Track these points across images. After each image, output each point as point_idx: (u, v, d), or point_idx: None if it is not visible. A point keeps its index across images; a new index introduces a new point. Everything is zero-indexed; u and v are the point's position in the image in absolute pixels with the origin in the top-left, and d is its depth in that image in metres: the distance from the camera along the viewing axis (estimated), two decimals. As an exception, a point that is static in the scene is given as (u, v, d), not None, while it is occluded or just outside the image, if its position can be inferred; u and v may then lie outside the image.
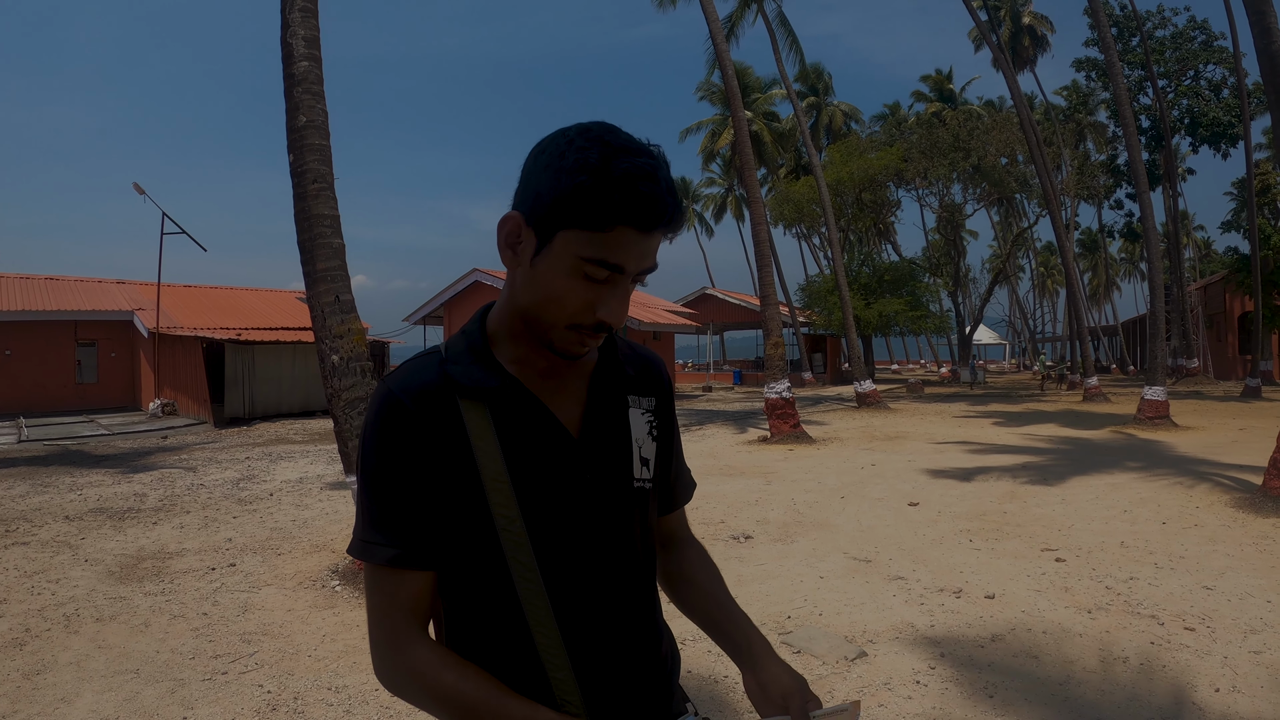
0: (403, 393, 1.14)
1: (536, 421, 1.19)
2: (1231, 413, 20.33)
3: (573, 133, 1.08)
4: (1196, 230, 71.88)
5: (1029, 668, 4.40)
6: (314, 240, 6.53)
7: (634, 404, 1.32)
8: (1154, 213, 20.13)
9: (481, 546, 1.15)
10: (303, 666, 4.60)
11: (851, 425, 18.79)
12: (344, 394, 6.49)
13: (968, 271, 53.26)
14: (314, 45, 6.71)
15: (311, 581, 6.32)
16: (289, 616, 5.51)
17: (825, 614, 5.39)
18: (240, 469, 12.65)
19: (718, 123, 44.47)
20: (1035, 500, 9.14)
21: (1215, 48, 37.16)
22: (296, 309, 29.68)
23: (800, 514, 8.60)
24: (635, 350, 1.38)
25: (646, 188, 1.05)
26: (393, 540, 1.13)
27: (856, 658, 4.57)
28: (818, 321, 37.56)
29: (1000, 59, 27.40)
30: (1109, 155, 42.70)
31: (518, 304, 1.16)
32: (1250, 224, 30.20)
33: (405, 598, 1.14)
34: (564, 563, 1.18)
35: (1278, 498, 8.49)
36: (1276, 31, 9.26)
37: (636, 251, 1.09)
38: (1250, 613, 5.25)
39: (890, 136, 41.86)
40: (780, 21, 28.76)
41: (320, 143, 6.60)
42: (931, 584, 6.02)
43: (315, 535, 7.93)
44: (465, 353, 1.19)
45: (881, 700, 4.02)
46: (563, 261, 1.09)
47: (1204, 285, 43.91)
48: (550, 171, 1.07)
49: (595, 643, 1.21)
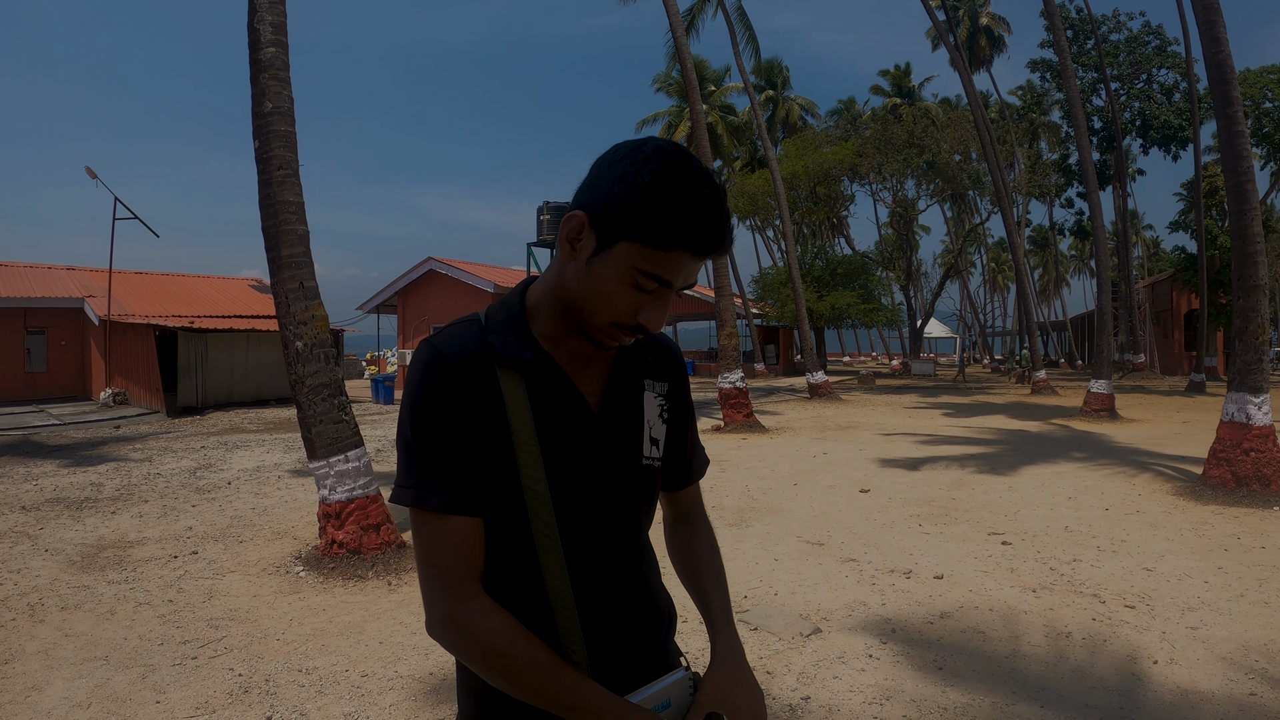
0: (451, 354, 1.22)
1: (564, 395, 1.29)
2: (1176, 406, 20.85)
3: (649, 150, 1.17)
4: (1145, 229, 73.34)
5: (976, 643, 4.60)
6: (279, 227, 6.55)
7: (649, 388, 1.44)
8: (1104, 212, 20.63)
9: (507, 503, 1.25)
10: (272, 650, 4.66)
11: (804, 415, 19.03)
12: (308, 380, 6.52)
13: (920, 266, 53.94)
14: (281, 31, 6.72)
15: (275, 568, 6.36)
16: (255, 602, 5.55)
17: (780, 594, 5.55)
18: (196, 458, 12.56)
19: (674, 115, 44.53)
20: (983, 488, 9.39)
21: (1168, 53, 37.99)
22: (250, 296, 29.38)
23: (754, 500, 8.78)
24: (655, 338, 1.50)
25: (710, 219, 1.15)
26: (445, 487, 1.21)
27: (811, 634, 4.74)
28: (771, 313, 37.78)
29: (957, 58, 27.80)
30: (1061, 155, 43.44)
31: (566, 293, 1.26)
32: (1198, 224, 30.99)
33: (462, 545, 1.22)
34: (577, 524, 1.30)
35: (1217, 486, 8.81)
36: (1225, 41, 9.58)
37: (687, 271, 1.20)
38: (1188, 592, 5.51)
39: (845, 131, 42.32)
40: (739, 15, 28.91)
41: (286, 129, 6.61)
42: (882, 565, 6.22)
43: (276, 523, 7.94)
44: (505, 324, 1.29)
45: (836, 673, 4.18)
46: (619, 269, 1.18)
47: (1151, 283, 44.84)
48: (623, 185, 1.16)
49: (600, 597, 1.33)
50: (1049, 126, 45.59)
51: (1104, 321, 18.76)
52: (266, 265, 6.72)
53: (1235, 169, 9.41)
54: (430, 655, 4.50)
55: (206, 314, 25.65)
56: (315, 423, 6.50)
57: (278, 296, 6.60)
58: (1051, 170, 42.46)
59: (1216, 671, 4.17)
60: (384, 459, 12.41)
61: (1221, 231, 36.38)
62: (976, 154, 36.93)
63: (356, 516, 6.42)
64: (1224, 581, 5.75)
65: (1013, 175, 41.01)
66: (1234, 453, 8.82)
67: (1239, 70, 9.22)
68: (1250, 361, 9.01)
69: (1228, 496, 8.50)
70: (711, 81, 43.93)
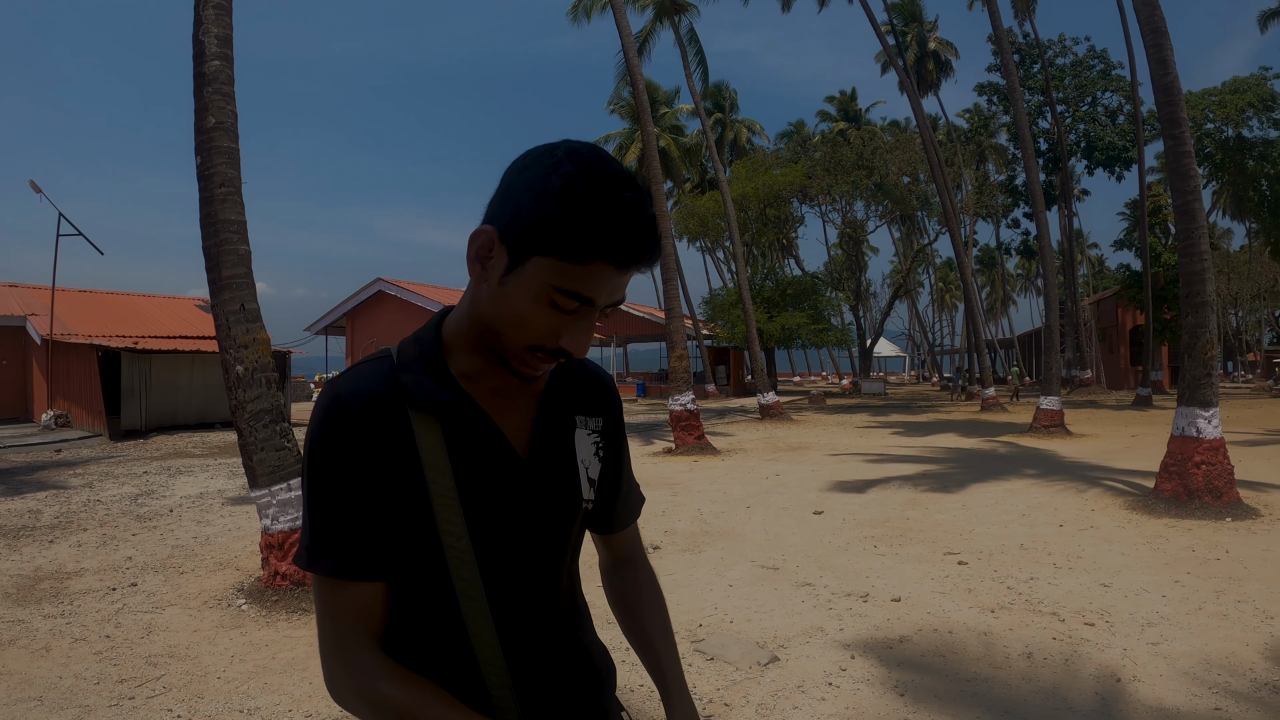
0: (352, 398, 1.10)
1: (486, 439, 1.17)
2: (1124, 420, 21.18)
3: (561, 153, 1.05)
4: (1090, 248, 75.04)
5: (937, 666, 4.53)
6: (220, 246, 6.36)
7: (581, 424, 1.31)
8: (1050, 231, 20.98)
9: (424, 560, 1.13)
10: (212, 689, 4.45)
11: (755, 436, 19.02)
12: (249, 406, 6.32)
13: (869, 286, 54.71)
14: (226, 44, 6.54)
15: (216, 601, 6.13)
16: (195, 637, 5.33)
17: (736, 621, 5.45)
18: (138, 484, 12.21)
19: (625, 136, 44.64)
20: (936, 507, 9.38)
21: (1113, 76, 39.05)
22: (195, 317, 28.76)
23: (707, 524, 8.67)
24: (587, 369, 1.37)
25: (630, 226, 1.03)
26: (336, 550, 1.09)
27: (769, 662, 4.63)
28: (721, 334, 37.92)
29: (905, 82, 28.24)
30: (1008, 176, 44.29)
31: (479, 317, 1.13)
32: (1142, 243, 31.76)
33: (352, 608, 1.11)
34: (505, 580, 1.17)
35: (1169, 499, 8.89)
36: (1172, 64, 9.77)
37: (610, 286, 1.07)
38: (1146, 607, 5.50)
39: (795, 154, 42.77)
40: (691, 37, 29.16)
41: (229, 145, 6.43)
42: (839, 589, 6.14)
43: (218, 553, 7.69)
44: (418, 361, 1.16)
45: (796, 703, 4.08)
46: (533, 287, 1.06)
47: (1097, 300, 45.79)
48: (533, 193, 1.04)
49: (533, 658, 1.21)
50: (996, 148, 46.41)
51: (1052, 339, 19.03)
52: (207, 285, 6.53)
53: (1182, 188, 9.55)
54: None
55: (151, 334, 25.03)
56: (256, 450, 6.29)
57: (218, 319, 6.39)
58: (998, 191, 43.30)
59: (1180, 687, 4.15)
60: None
61: (1165, 249, 37.31)
62: (925, 175, 37.59)
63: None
64: (1182, 595, 5.76)
65: (960, 196, 41.70)
66: (1185, 466, 8.92)
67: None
68: (1199, 376, 9.12)
69: (1180, 509, 8.57)
70: (662, 103, 44.17)
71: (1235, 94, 35.02)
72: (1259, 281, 50.23)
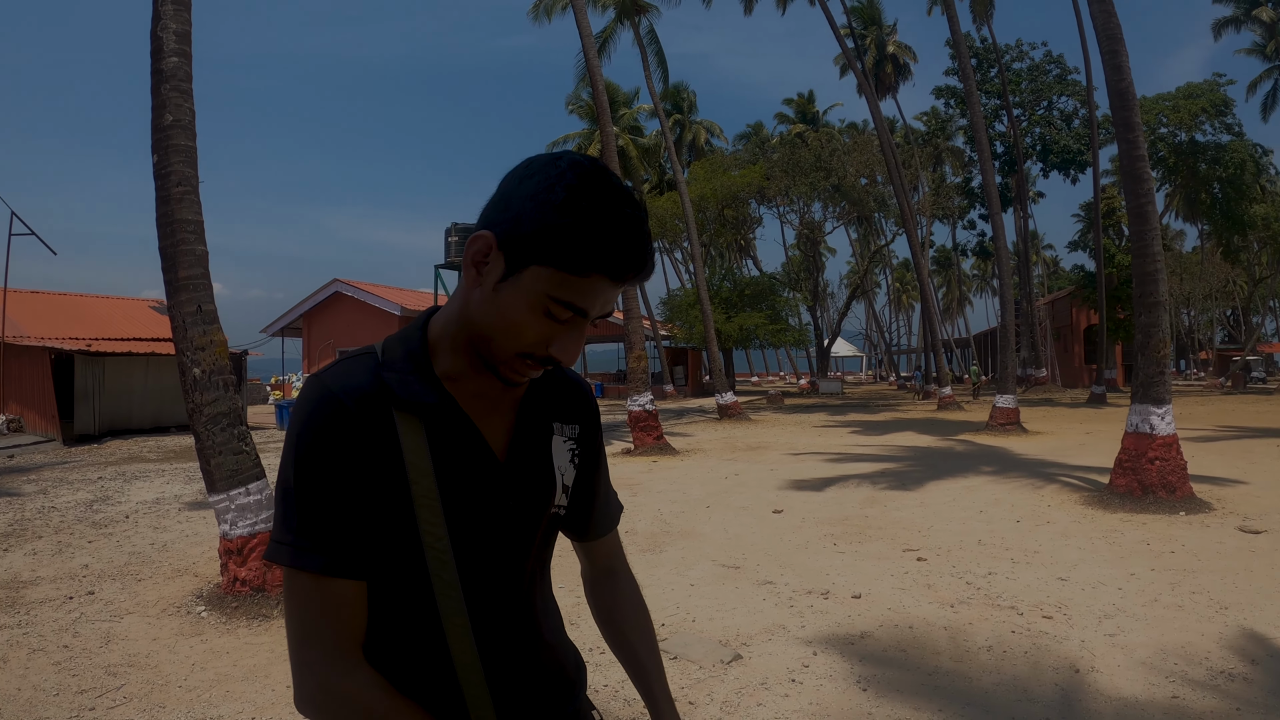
0: (344, 394, 1.09)
1: (467, 443, 1.17)
2: (1079, 418, 21.52)
3: (564, 165, 1.06)
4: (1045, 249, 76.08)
5: (899, 661, 4.58)
6: (176, 247, 6.26)
7: (558, 431, 1.31)
8: (1006, 232, 21.29)
9: (404, 562, 1.12)
10: (174, 698, 4.38)
11: (714, 436, 19.10)
12: (206, 409, 6.23)
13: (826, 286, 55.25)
14: (185, 40, 6.43)
15: (175, 608, 6.03)
16: (155, 646, 5.24)
17: (699, 620, 5.47)
18: (93, 490, 12.00)
19: (585, 136, 44.48)
20: (895, 504, 9.48)
21: (1069, 81, 39.79)
22: (150, 318, 28.29)
23: (667, 524, 8.69)
24: (565, 376, 1.37)
25: (630, 242, 1.05)
26: (326, 546, 1.07)
27: (732, 660, 4.66)
28: (679, 335, 37.97)
29: (864, 85, 28.54)
30: (964, 178, 44.91)
31: (470, 321, 1.13)
32: (1096, 244, 32.35)
33: (343, 611, 1.09)
34: (480, 582, 1.17)
35: (1124, 494, 9.07)
36: (1127, 69, 9.96)
37: (604, 298, 1.09)
38: (1103, 599, 5.62)
39: (753, 155, 43.03)
40: (651, 38, 29.16)
41: (186, 144, 6.33)
42: (800, 587, 6.19)
43: (176, 559, 7.57)
44: (404, 360, 1.15)
45: (760, 700, 4.11)
46: (529, 295, 1.06)
47: (1052, 300, 46.51)
48: (536, 203, 1.04)
49: (508, 661, 1.21)
50: (953, 151, 47.00)
51: (1007, 338, 19.28)
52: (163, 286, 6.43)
53: (1136, 191, 9.74)
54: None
55: (105, 336, 24.60)
56: (214, 454, 6.20)
57: (174, 320, 6.29)
58: (955, 193, 43.85)
59: (1138, 676, 4.24)
60: (292, 487, 12.00)
61: (1119, 250, 37.99)
62: (882, 177, 37.95)
63: (259, 552, 6.12)
64: (1137, 587, 5.88)
65: (917, 198, 42.12)
66: (1139, 462, 9.09)
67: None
68: (1153, 374, 9.30)
69: (1134, 504, 8.74)
70: (621, 104, 44.11)
71: (1189, 99, 35.83)
72: (1211, 282, 51.27)
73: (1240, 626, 5.00)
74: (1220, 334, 65.35)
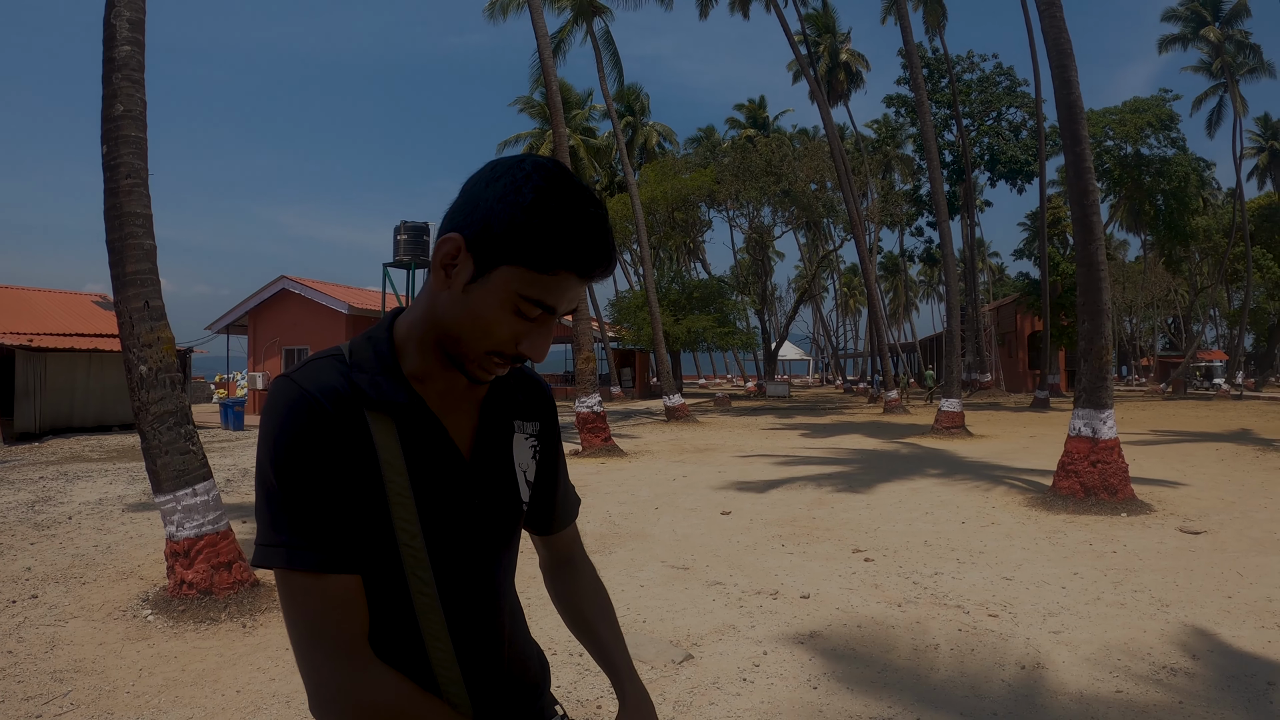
0: (321, 394, 1.10)
1: (435, 442, 1.19)
2: (1022, 422, 21.91)
3: (529, 166, 1.10)
4: (991, 256, 77.52)
5: (848, 659, 4.64)
6: (124, 241, 6.14)
7: (519, 429, 1.34)
8: (953, 239, 21.64)
9: (380, 559, 1.13)
10: (121, 704, 4.30)
11: (662, 438, 19.17)
12: (153, 407, 6.11)
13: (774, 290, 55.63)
14: (139, 29, 6.29)
15: (121, 612, 5.91)
16: (101, 650, 5.13)
17: (649, 621, 5.50)
18: (34, 490, 11.71)
19: (536, 136, 44.30)
20: (842, 506, 9.59)
21: (1018, 93, 40.58)
22: (93, 313, 27.64)
23: (616, 525, 8.72)
24: (525, 375, 1.40)
25: (596, 239, 1.09)
26: (320, 543, 1.08)
27: (683, 660, 4.69)
28: (627, 337, 38.03)
29: (816, 91, 28.80)
30: (913, 185, 45.55)
31: (439, 323, 1.15)
32: (1041, 252, 33.04)
33: (347, 606, 1.09)
34: (452, 579, 1.19)
35: (1066, 496, 9.27)
36: (1076, 84, 10.19)
37: (572, 295, 1.13)
38: (1047, 598, 5.75)
39: (704, 158, 43.26)
40: (606, 40, 29.15)
41: (137, 135, 6.21)
42: (749, 587, 6.24)
43: (120, 561, 7.42)
44: (373, 362, 1.17)
45: (712, 699, 4.14)
46: (498, 295, 1.09)
47: (997, 306, 47.36)
48: (505, 204, 1.07)
49: (479, 655, 1.23)
50: (902, 159, 47.64)
51: (953, 343, 19.58)
52: (110, 281, 6.30)
53: (1082, 202, 9.96)
54: (292, 704, 4.24)
55: (47, 331, 24.02)
56: (160, 454, 6.09)
57: (121, 316, 6.17)
58: (903, 200, 44.46)
59: (1083, 672, 4.35)
60: (233, 489, 11.82)
61: (1063, 259, 38.81)
62: (832, 183, 38.35)
63: (206, 554, 6.03)
64: (1080, 586, 6.02)
65: (866, 204, 42.63)
66: (1082, 465, 9.29)
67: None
68: (1095, 380, 9.52)
69: (1077, 506, 8.94)
70: (574, 104, 44.08)
71: (1135, 113, 36.75)
72: (1153, 291, 52.59)
73: (1181, 623, 5.14)
74: (1162, 341, 66.98)
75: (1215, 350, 63.11)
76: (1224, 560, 6.71)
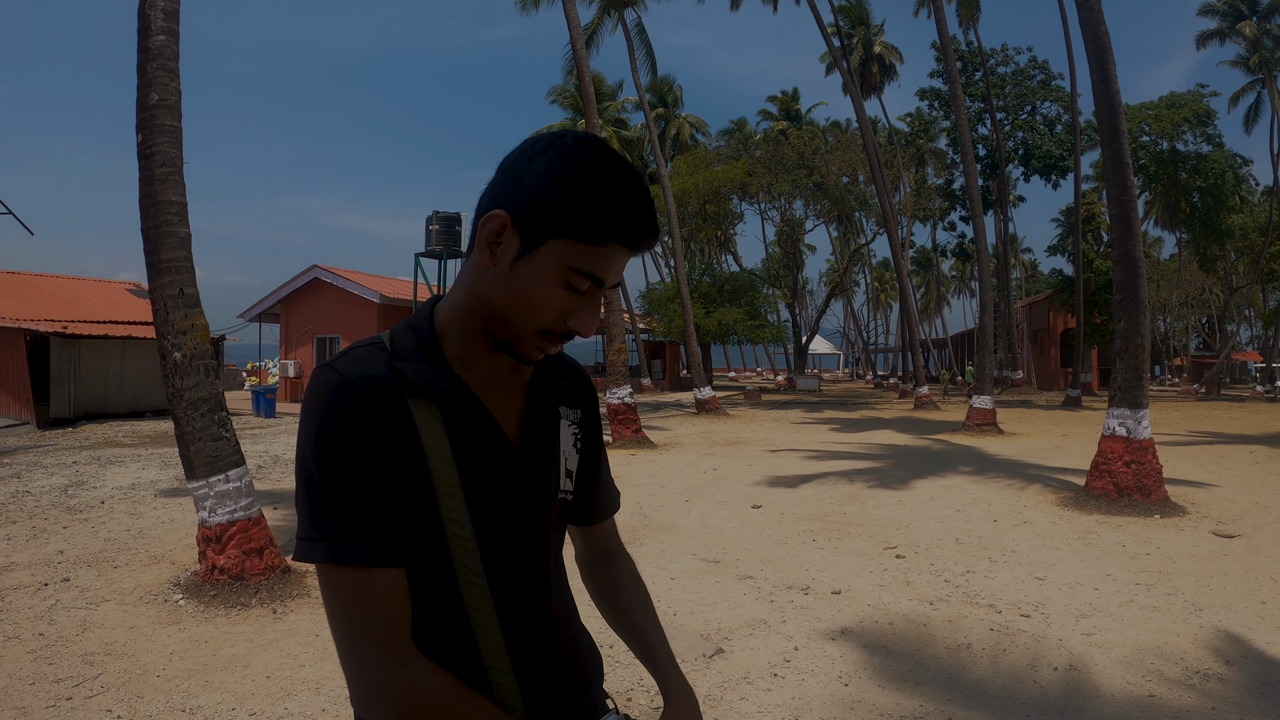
0: (363, 383, 1.07)
1: (483, 429, 1.16)
2: (1054, 420, 21.67)
3: (570, 140, 1.09)
4: (1024, 253, 76.69)
5: (880, 657, 4.60)
6: (159, 228, 6.19)
7: (564, 415, 1.32)
8: (986, 235, 21.39)
9: (428, 551, 1.11)
10: (152, 688, 4.34)
11: (692, 431, 19.13)
12: (186, 394, 6.16)
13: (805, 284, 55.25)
14: (173, 19, 6.34)
15: (153, 596, 5.97)
16: (132, 634, 5.19)
17: (680, 613, 5.48)
18: (68, 474, 11.88)
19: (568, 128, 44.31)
20: (874, 502, 9.52)
21: (1053, 87, 40.08)
22: (127, 301, 27.98)
23: (647, 517, 8.71)
24: (567, 362, 1.39)
25: (642, 210, 1.09)
26: (366, 536, 1.05)
27: (714, 654, 4.67)
28: (658, 328, 38.01)
29: (849, 84, 28.57)
30: (946, 180, 45.13)
31: (485, 304, 1.13)
32: (1075, 249, 32.62)
33: (392, 601, 1.07)
34: (502, 569, 1.17)
35: (1100, 496, 9.14)
36: (1114, 77, 10.02)
37: (618, 267, 1.12)
38: (1079, 599, 5.66)
39: (736, 151, 43.07)
40: (639, 32, 29.08)
41: (172, 124, 6.26)
42: (780, 582, 6.21)
43: (152, 546, 7.50)
44: (415, 349, 1.14)
45: (742, 694, 4.12)
46: (548, 270, 1.08)
47: (1029, 303, 46.81)
48: (550, 179, 1.06)
49: (530, 647, 1.20)
50: (935, 153, 47.19)
51: (985, 339, 19.38)
52: (145, 269, 6.35)
53: (1120, 198, 9.80)
54: (322, 690, 4.26)
55: (81, 318, 24.32)
56: (194, 440, 6.14)
57: (156, 303, 6.23)
58: (936, 194, 44.09)
59: (1115, 675, 4.28)
60: (265, 476, 11.92)
61: (1097, 256, 38.33)
62: (864, 177, 38.10)
63: (238, 540, 6.07)
64: (1113, 588, 5.93)
65: (898, 198, 42.32)
66: (1115, 465, 9.16)
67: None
68: (1130, 379, 9.38)
69: (1110, 506, 8.81)
70: (606, 96, 44.03)
71: (1172, 109, 36.20)
72: (1187, 290, 51.86)
73: (1215, 628, 5.06)
74: (1195, 341, 66.07)
75: (1249, 351, 62.20)
76: (1258, 565, 6.59)
